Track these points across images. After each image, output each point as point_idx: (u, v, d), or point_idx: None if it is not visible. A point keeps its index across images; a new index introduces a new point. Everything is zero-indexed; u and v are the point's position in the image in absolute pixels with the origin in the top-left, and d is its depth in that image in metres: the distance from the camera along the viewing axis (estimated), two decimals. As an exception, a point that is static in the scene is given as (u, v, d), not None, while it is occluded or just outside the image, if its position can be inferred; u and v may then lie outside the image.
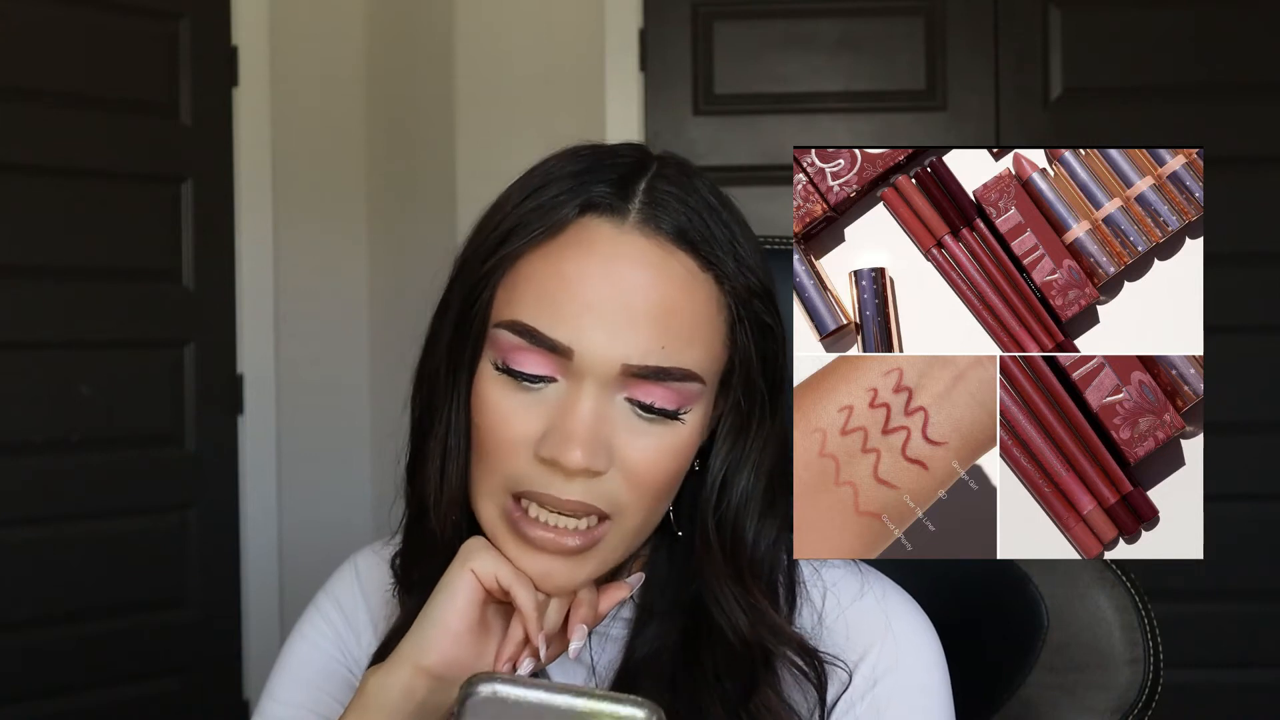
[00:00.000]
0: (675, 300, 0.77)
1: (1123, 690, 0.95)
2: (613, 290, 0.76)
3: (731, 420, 0.82)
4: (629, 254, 0.77)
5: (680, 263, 0.78)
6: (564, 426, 0.76)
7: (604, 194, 0.78)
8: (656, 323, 0.76)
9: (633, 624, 0.85)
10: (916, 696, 0.82)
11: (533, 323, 0.76)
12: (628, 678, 0.83)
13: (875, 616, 0.84)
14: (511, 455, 0.77)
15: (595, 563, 0.79)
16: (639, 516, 0.79)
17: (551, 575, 0.78)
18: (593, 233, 0.78)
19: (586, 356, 0.75)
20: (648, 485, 0.78)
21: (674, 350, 0.76)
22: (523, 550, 0.78)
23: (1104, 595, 0.95)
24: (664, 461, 0.78)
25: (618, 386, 0.77)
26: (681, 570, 0.84)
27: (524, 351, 0.77)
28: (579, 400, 0.76)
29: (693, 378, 0.77)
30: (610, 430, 0.77)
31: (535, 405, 0.77)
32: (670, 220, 0.78)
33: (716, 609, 0.81)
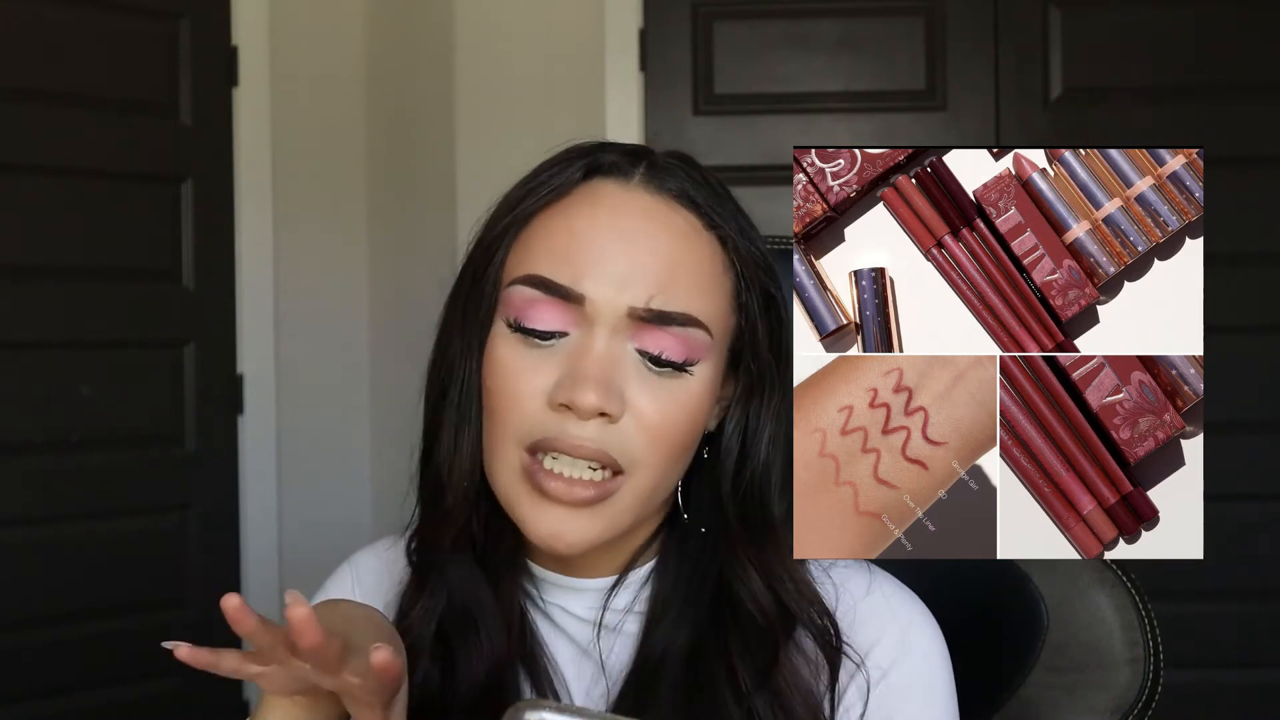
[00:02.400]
0: (680, 251, 0.80)
1: (1123, 690, 0.95)
2: (620, 240, 0.80)
3: (744, 385, 0.84)
4: (635, 208, 0.81)
5: (684, 219, 0.82)
6: (577, 370, 0.78)
7: (611, 158, 0.83)
8: (661, 269, 0.79)
9: (646, 618, 0.85)
10: (921, 695, 0.83)
11: (545, 274, 0.79)
12: (642, 672, 0.83)
13: (882, 614, 0.84)
14: (524, 408, 0.79)
15: (606, 520, 0.80)
16: (652, 475, 0.80)
17: (562, 533, 0.79)
18: (599, 190, 0.82)
19: (596, 302, 0.78)
20: (661, 438, 0.79)
21: (677, 296, 0.79)
22: (536, 507, 0.79)
23: (1104, 595, 0.95)
24: (676, 415, 0.80)
25: (627, 334, 0.79)
26: (695, 562, 0.85)
27: (537, 306, 0.79)
28: (591, 345, 0.78)
29: (697, 324, 0.80)
30: (622, 378, 0.79)
31: (548, 360, 0.79)
32: (674, 182, 0.82)
33: (738, 583, 0.82)
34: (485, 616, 0.84)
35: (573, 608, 0.87)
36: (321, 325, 3.02)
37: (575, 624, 0.87)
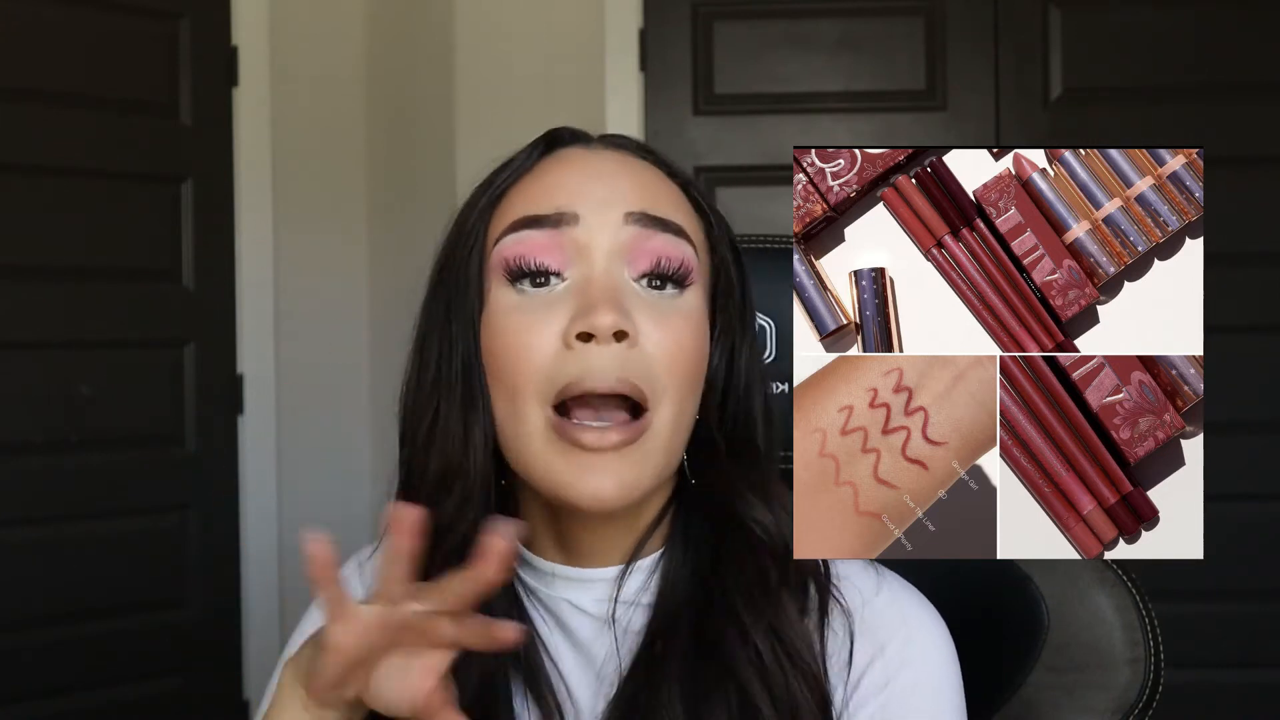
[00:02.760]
0: (654, 187, 0.84)
1: (1123, 690, 0.95)
2: (596, 180, 0.83)
3: (723, 324, 0.86)
4: (604, 157, 0.86)
5: (650, 169, 0.86)
6: (587, 297, 0.79)
7: (566, 132, 0.88)
8: (642, 190, 0.83)
9: (656, 598, 0.85)
10: (929, 696, 0.83)
11: (532, 212, 0.82)
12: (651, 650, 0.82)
13: (890, 615, 0.84)
14: (541, 355, 0.79)
15: (641, 462, 0.79)
16: (675, 403, 0.81)
17: (604, 487, 0.78)
18: (565, 154, 0.86)
19: (589, 221, 0.81)
20: (676, 361, 0.80)
21: (665, 209, 0.83)
22: (574, 463, 0.78)
23: (1104, 595, 0.95)
24: (683, 336, 0.81)
25: (623, 259, 0.81)
26: (699, 536, 0.85)
27: (531, 244, 0.81)
28: (593, 273, 0.80)
29: (687, 237, 0.83)
30: (630, 304, 0.80)
31: (553, 306, 0.80)
32: (631, 144, 0.87)
33: (743, 512, 0.83)
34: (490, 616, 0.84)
35: (579, 601, 0.86)
36: (321, 325, 3.02)
37: (581, 619, 0.86)
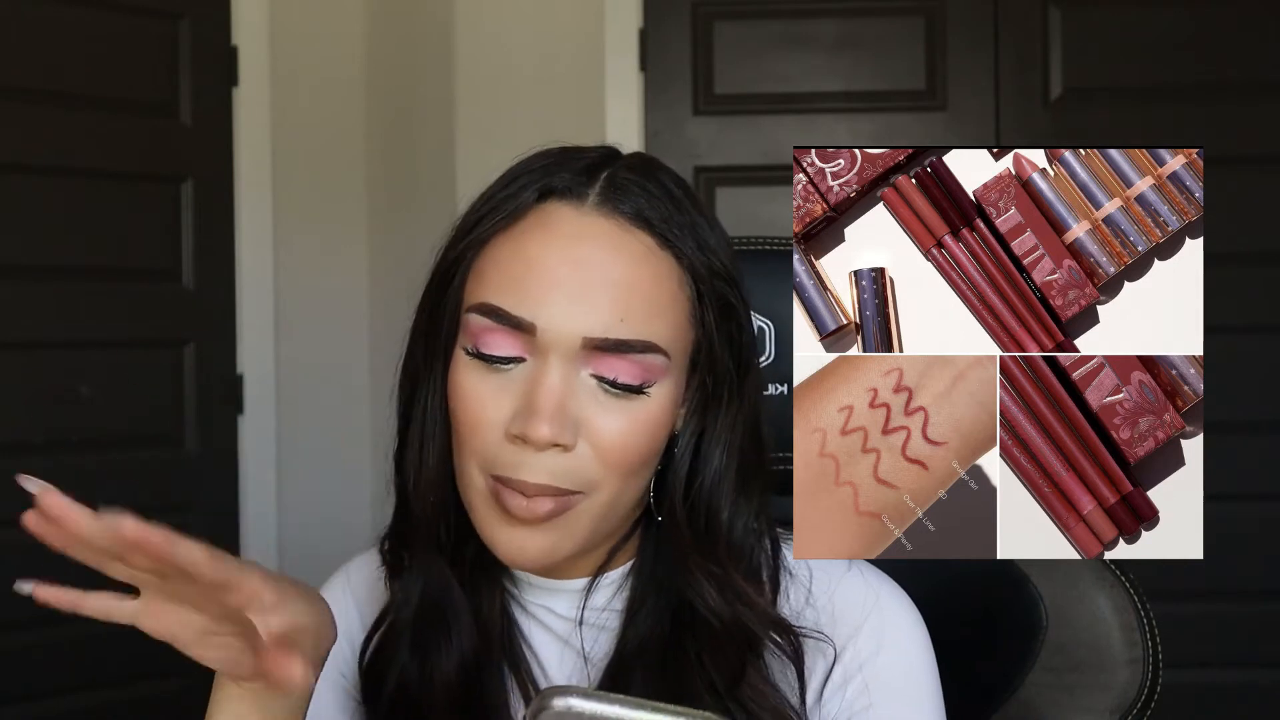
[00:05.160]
0: (635, 275, 0.79)
1: (1122, 690, 0.95)
2: (574, 268, 0.79)
3: (698, 399, 0.84)
4: (589, 233, 0.80)
5: (639, 240, 0.80)
6: (531, 402, 0.78)
7: (565, 180, 0.82)
8: (616, 297, 0.78)
9: (624, 614, 0.86)
10: (905, 678, 0.83)
11: (498, 303, 0.79)
12: (620, 666, 0.84)
13: (863, 597, 0.84)
14: (485, 437, 0.79)
15: (564, 534, 0.80)
16: (609, 493, 0.80)
17: (525, 550, 0.80)
18: (553, 215, 0.81)
19: (549, 332, 0.78)
20: (617, 461, 0.79)
21: (634, 323, 0.78)
22: (500, 527, 0.80)
23: (1103, 595, 0.95)
24: (633, 438, 0.79)
25: (581, 362, 0.79)
26: (666, 562, 0.85)
27: (492, 333, 0.79)
28: (545, 375, 0.78)
29: (655, 350, 0.79)
30: (577, 406, 0.78)
31: (506, 387, 0.79)
32: (629, 203, 0.81)
33: (693, 594, 0.82)
34: (457, 615, 0.85)
35: (554, 606, 0.88)
36: (321, 325, 3.02)
37: (557, 621, 0.88)
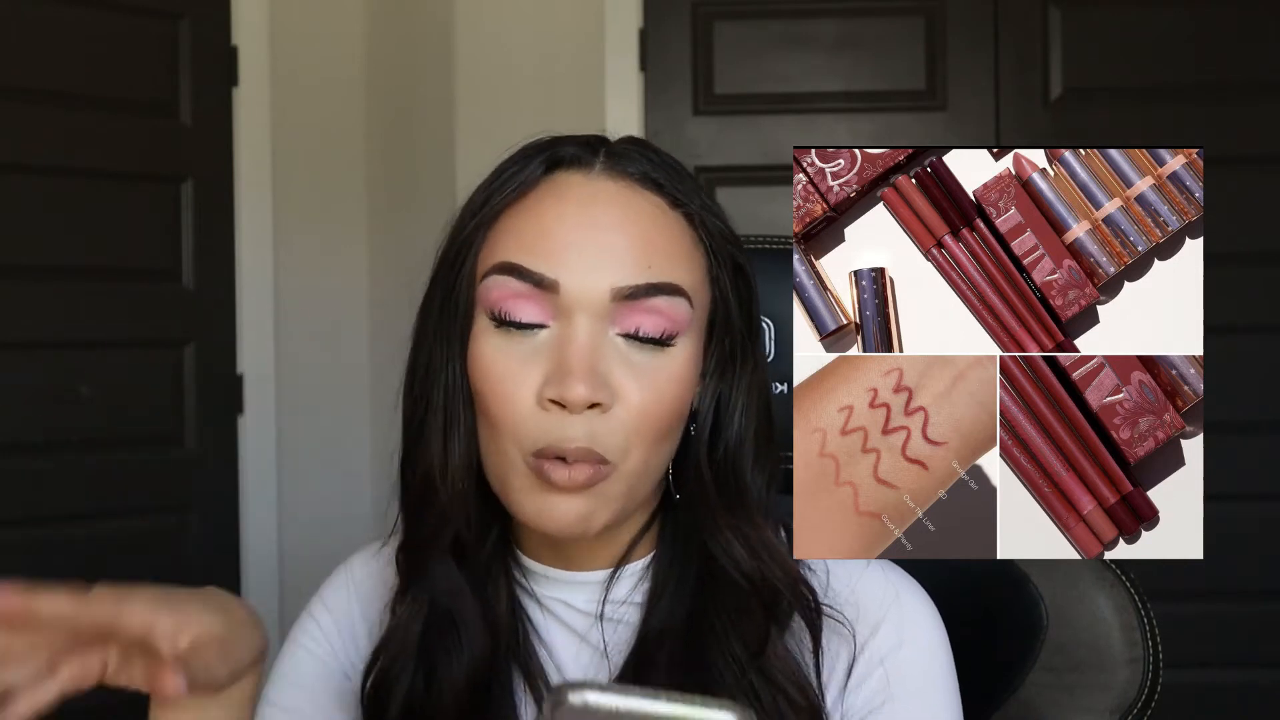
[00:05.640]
0: (652, 230, 0.80)
1: (1122, 690, 0.95)
2: (590, 229, 0.80)
3: (716, 358, 0.84)
4: (601, 195, 0.81)
5: (649, 200, 0.81)
6: (563, 363, 0.78)
7: (570, 151, 0.83)
8: (639, 247, 0.79)
9: (645, 603, 0.85)
10: (924, 674, 0.83)
11: (518, 261, 0.79)
12: (642, 654, 0.83)
13: (883, 591, 0.84)
14: (518, 408, 0.79)
15: (599, 501, 0.80)
16: (641, 457, 0.80)
17: (565, 514, 0.79)
18: (563, 182, 0.82)
19: (573, 288, 0.78)
20: (649, 421, 0.79)
21: (659, 268, 0.79)
22: (544, 498, 0.79)
23: (1103, 595, 0.95)
24: (663, 394, 0.80)
25: (608, 319, 0.79)
26: (685, 543, 0.85)
27: (515, 298, 0.79)
28: (573, 336, 0.78)
29: (681, 293, 0.80)
30: (607, 367, 0.79)
31: (532, 357, 0.79)
32: (635, 166, 0.82)
33: (722, 554, 0.82)
34: (466, 621, 0.85)
35: (572, 600, 0.87)
36: (321, 325, 3.02)
37: (575, 615, 0.87)
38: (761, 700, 0.80)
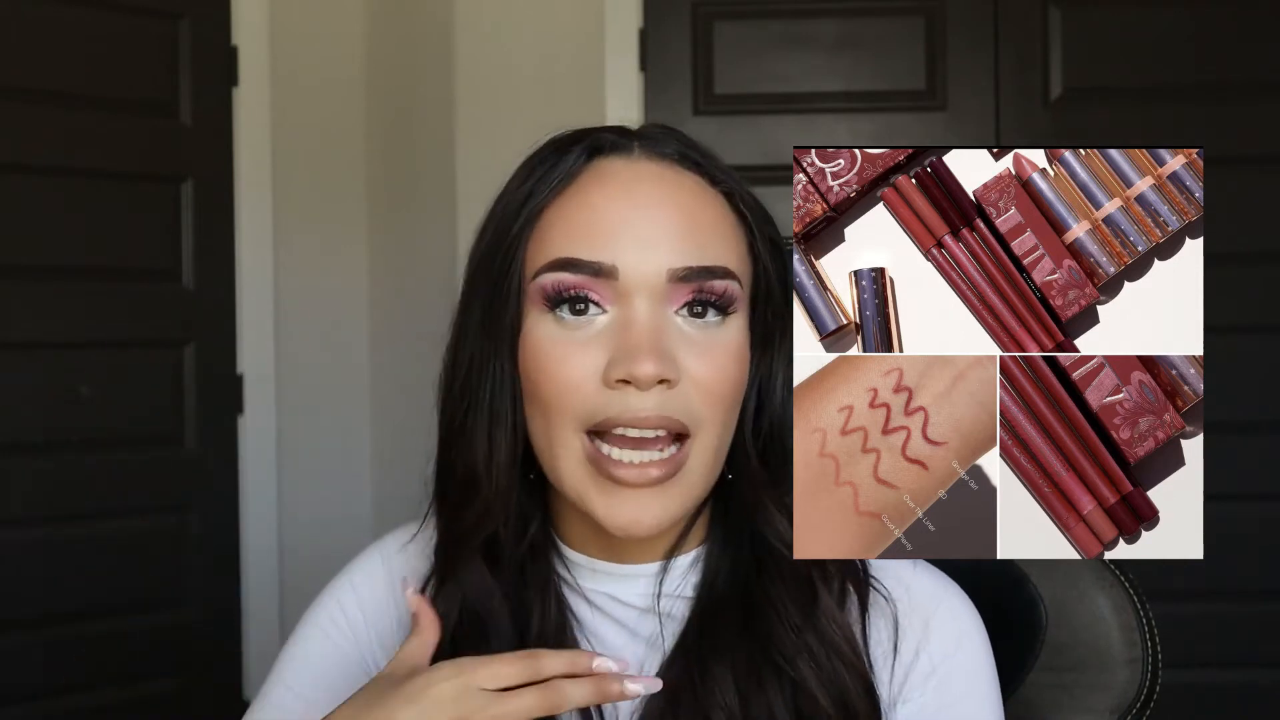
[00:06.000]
0: (698, 208, 0.82)
1: (1122, 690, 0.95)
2: (639, 209, 0.81)
3: (761, 332, 0.85)
4: (646, 176, 0.82)
5: (691, 179, 0.83)
6: (628, 343, 0.78)
7: (607, 138, 0.84)
8: (690, 228, 0.81)
9: (699, 589, 0.86)
10: (976, 676, 0.85)
11: (572, 254, 0.80)
12: (701, 636, 0.83)
13: (931, 600, 0.86)
14: (580, 391, 0.79)
15: (680, 493, 0.80)
16: (715, 430, 0.81)
17: (641, 519, 0.79)
18: (606, 167, 0.83)
19: (631, 272, 0.79)
20: (717, 393, 0.80)
21: (711, 251, 0.81)
22: (610, 495, 0.80)
23: (1103, 595, 0.95)
24: (726, 366, 0.81)
25: (665, 299, 0.80)
26: (738, 527, 0.85)
27: (569, 288, 0.80)
28: (634, 317, 0.79)
29: (732, 276, 0.81)
30: (670, 344, 0.79)
31: (591, 342, 0.80)
32: (671, 147, 0.84)
33: (767, 528, 0.83)
34: (496, 625, 0.84)
35: (620, 594, 0.87)
36: (321, 325, 3.02)
37: (623, 609, 0.87)
38: (817, 660, 0.81)
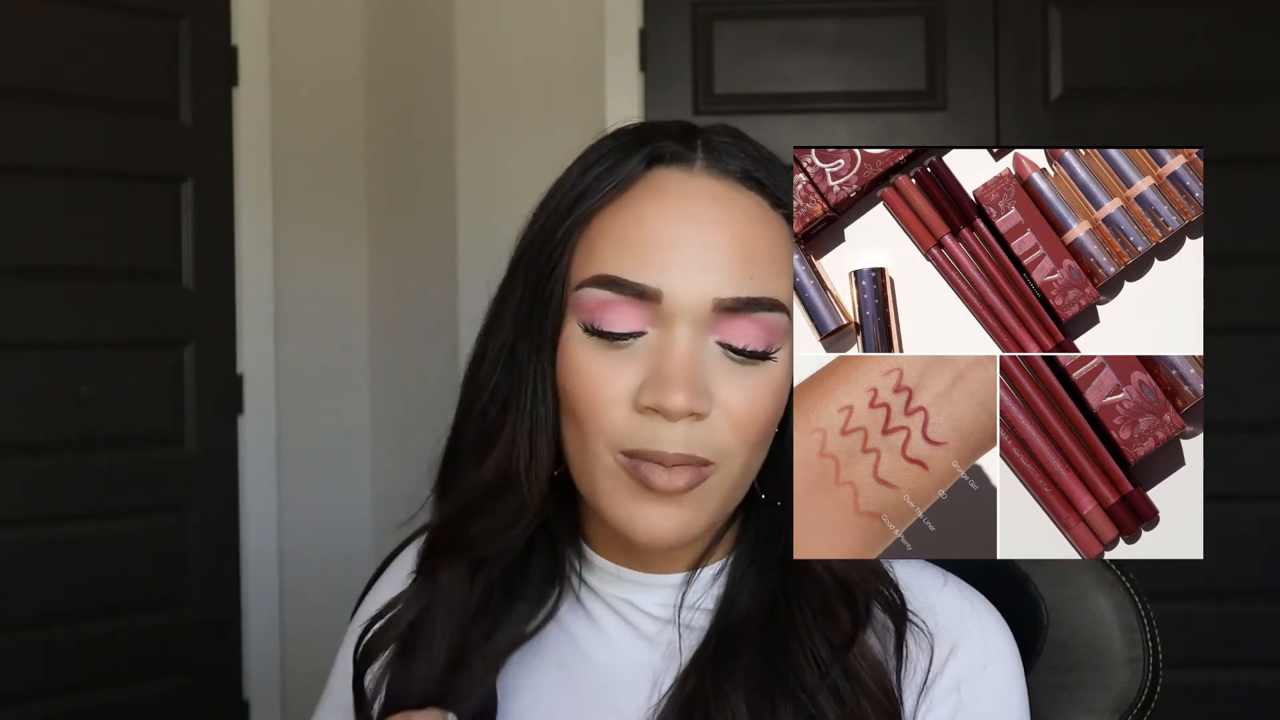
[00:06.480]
0: (754, 235, 0.79)
1: (1122, 690, 0.95)
2: (692, 229, 0.78)
3: None
4: (704, 195, 0.79)
5: (752, 200, 0.80)
6: (662, 371, 0.76)
7: (668, 146, 0.81)
8: (741, 256, 0.78)
9: (720, 603, 0.84)
10: (1007, 694, 0.83)
11: (617, 272, 0.77)
12: (719, 651, 0.81)
13: (959, 613, 0.84)
14: (610, 413, 0.77)
15: (699, 507, 0.79)
16: (740, 463, 0.79)
17: (662, 527, 0.78)
18: (664, 180, 0.80)
19: (676, 297, 0.77)
20: (749, 428, 0.78)
21: (761, 281, 0.78)
22: (636, 502, 0.78)
23: (1103, 595, 0.95)
24: (762, 403, 0.79)
25: (709, 328, 0.78)
26: (768, 542, 0.84)
27: (611, 307, 0.77)
28: (673, 344, 0.77)
29: (780, 308, 0.78)
30: (707, 373, 0.77)
31: (628, 361, 0.77)
32: (735, 163, 0.81)
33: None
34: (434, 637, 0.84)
35: (640, 602, 0.86)
36: (321, 325, 3.02)
37: (641, 617, 0.86)
38: (843, 698, 0.79)
